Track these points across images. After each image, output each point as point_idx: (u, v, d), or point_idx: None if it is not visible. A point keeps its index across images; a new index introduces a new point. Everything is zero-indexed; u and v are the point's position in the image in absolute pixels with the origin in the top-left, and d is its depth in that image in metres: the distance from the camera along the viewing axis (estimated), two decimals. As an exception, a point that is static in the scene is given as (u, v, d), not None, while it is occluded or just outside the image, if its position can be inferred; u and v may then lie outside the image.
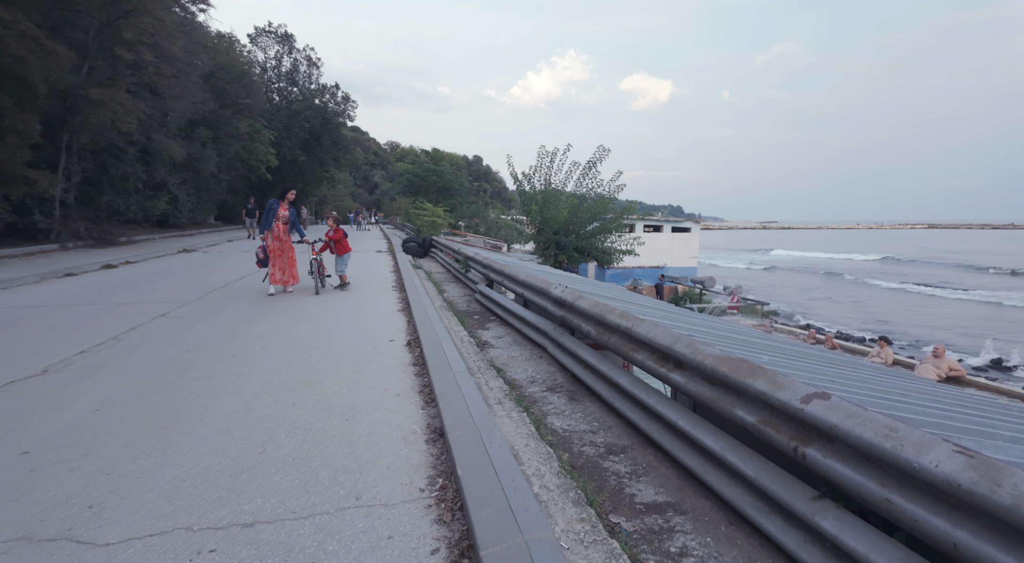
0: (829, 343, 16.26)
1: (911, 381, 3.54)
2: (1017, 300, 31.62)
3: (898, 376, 3.77)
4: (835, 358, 4.19)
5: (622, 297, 5.40)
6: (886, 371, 4.08)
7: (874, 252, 76.37)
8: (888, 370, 4.28)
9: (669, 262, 25.39)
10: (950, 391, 3.40)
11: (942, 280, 43.56)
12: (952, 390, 3.51)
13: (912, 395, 2.65)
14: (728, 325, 4.85)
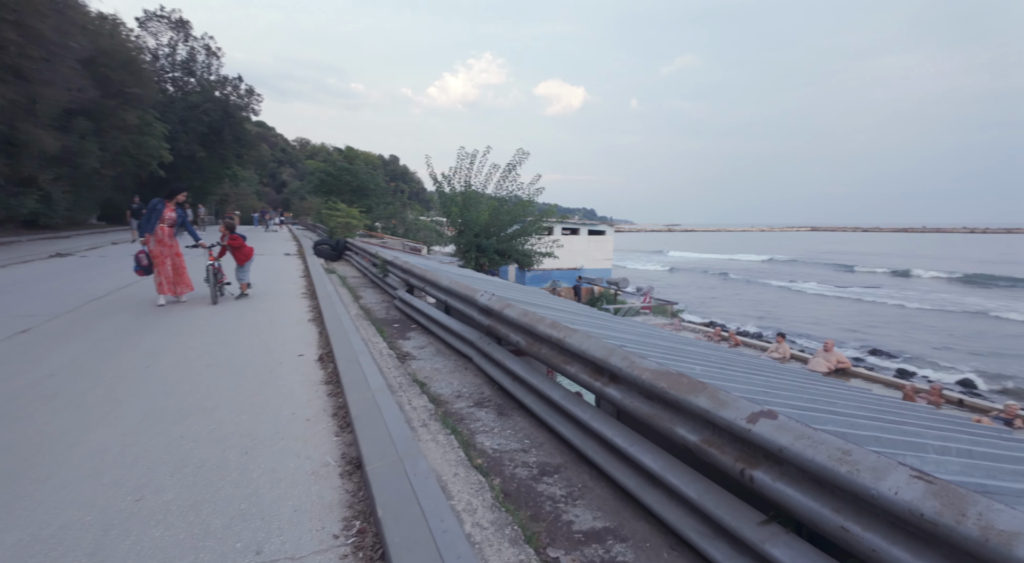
0: (732, 340, 17.31)
1: (832, 386, 3.67)
2: (877, 296, 35.55)
3: (818, 380, 3.90)
4: (758, 363, 4.29)
5: (550, 304, 5.28)
6: (807, 375, 4.23)
7: (762, 253, 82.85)
8: (808, 374, 4.45)
9: (586, 264, 26.00)
10: (865, 394, 3.55)
11: (822, 278, 48.09)
12: (866, 393, 3.67)
13: (839, 403, 2.69)
14: (654, 331, 4.86)
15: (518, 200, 18.24)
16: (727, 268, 59.60)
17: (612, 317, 5.70)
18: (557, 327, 3.35)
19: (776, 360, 15.12)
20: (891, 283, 44.56)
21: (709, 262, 69.16)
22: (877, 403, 3.15)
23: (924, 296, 35.80)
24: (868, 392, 3.85)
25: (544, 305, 4.92)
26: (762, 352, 16.20)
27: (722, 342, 17.64)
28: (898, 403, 3.53)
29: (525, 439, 3.35)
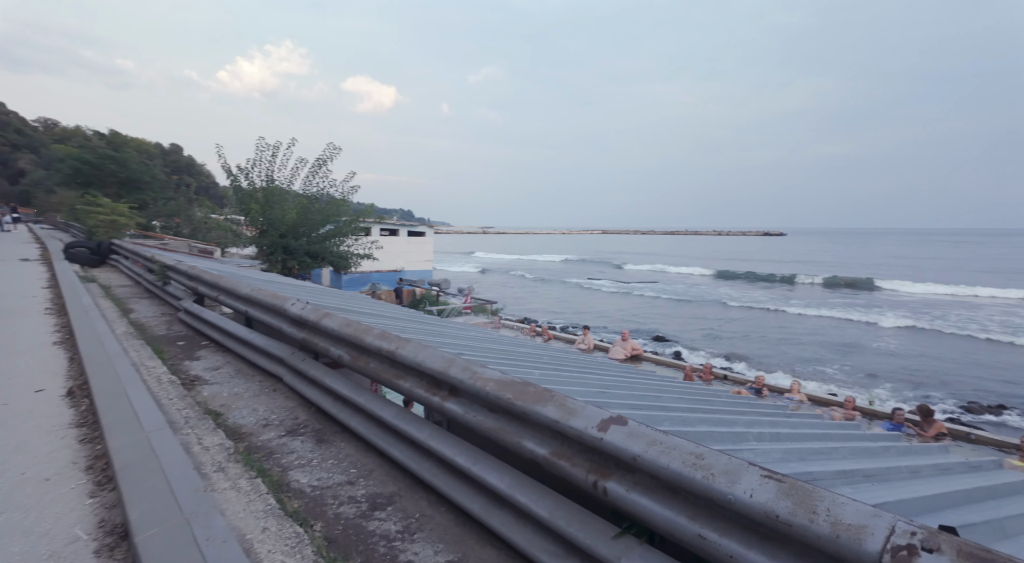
0: (546, 335, 18.44)
1: (648, 378, 3.91)
2: (643, 290, 41.60)
3: (634, 373, 4.14)
4: (583, 360, 4.43)
5: (375, 310, 4.84)
6: (627, 370, 4.47)
7: (560, 254, 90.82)
8: (627, 367, 4.73)
9: (406, 266, 25.48)
10: (673, 383, 3.86)
11: (610, 276, 54.49)
12: (672, 380, 4.00)
13: (664, 396, 2.82)
14: (486, 334, 4.76)
15: (331, 198, 17.01)
16: (531, 268, 63.90)
17: (443, 322, 5.48)
18: (387, 337, 3.00)
19: (583, 351, 16.48)
20: (665, 278, 52.27)
21: (516, 263, 73.39)
22: (686, 391, 3.43)
23: (688, 289, 42.65)
24: (673, 380, 4.21)
25: (368, 312, 4.48)
26: (570, 344, 17.53)
27: (536, 337, 18.67)
28: (701, 389, 3.92)
29: (351, 468, 2.94)
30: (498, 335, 5.28)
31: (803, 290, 43.57)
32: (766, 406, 3.72)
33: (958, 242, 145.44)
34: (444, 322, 5.55)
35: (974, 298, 36.76)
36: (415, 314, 5.64)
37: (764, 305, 33.73)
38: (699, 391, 3.68)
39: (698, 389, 3.84)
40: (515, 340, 5.14)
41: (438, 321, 5.47)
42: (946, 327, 25.82)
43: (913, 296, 38.37)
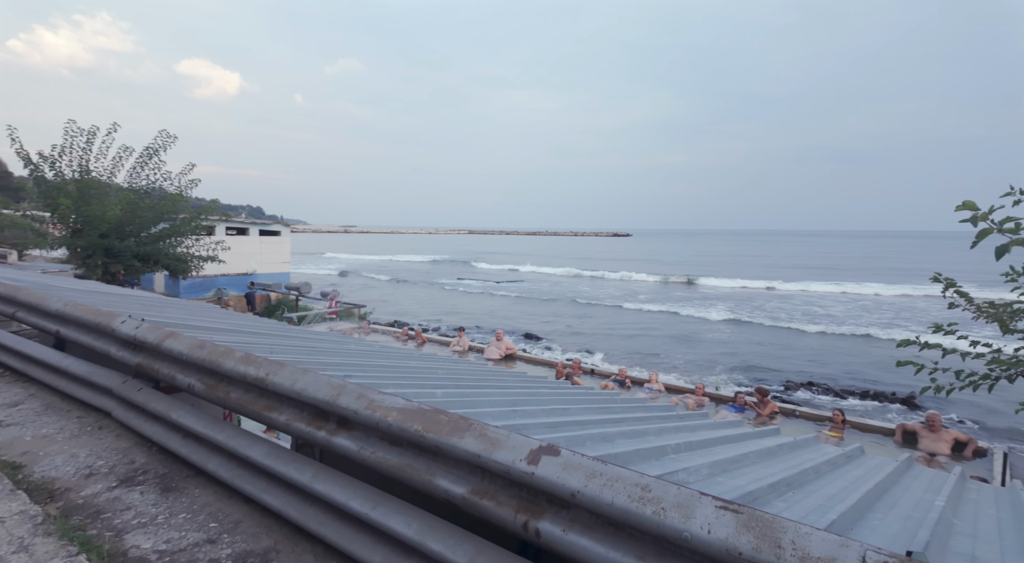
0: (420, 338, 17.98)
1: (549, 387, 3.82)
2: (510, 289, 42.97)
3: (540, 384, 4.04)
4: (478, 370, 4.22)
5: (232, 325, 4.16)
6: (529, 380, 4.34)
7: (427, 254, 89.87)
8: (526, 377, 4.60)
9: (259, 268, 23.18)
10: (573, 390, 3.81)
11: (476, 276, 55.26)
12: (565, 385, 3.96)
13: (572, 409, 2.72)
14: (371, 348, 4.34)
15: (164, 193, 14.86)
16: (398, 269, 62.45)
17: (316, 336, 4.92)
18: (254, 361, 2.52)
19: (458, 353, 16.32)
20: (532, 277, 54.19)
21: (382, 264, 71.19)
22: (586, 398, 3.39)
23: (552, 288, 44.66)
24: (566, 384, 4.19)
25: (224, 327, 3.83)
26: (445, 347, 17.28)
27: (408, 341, 18.13)
28: (598, 394, 3.93)
29: (211, 522, 2.43)
30: (380, 347, 4.88)
31: (645, 286, 47.84)
32: (663, 409, 3.84)
33: (771, 241, 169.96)
34: (318, 336, 5.00)
35: (780, 290, 43.16)
36: (280, 327, 4.99)
37: (616, 302, 36.42)
38: (596, 397, 3.68)
39: (594, 394, 3.85)
40: (403, 352, 4.78)
41: (309, 335, 4.91)
42: (762, 317, 29.96)
43: (734, 290, 44.08)
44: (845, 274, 55.14)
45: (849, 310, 33.26)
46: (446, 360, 4.81)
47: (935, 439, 8.97)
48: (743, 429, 4.24)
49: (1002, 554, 2.10)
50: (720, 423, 4.37)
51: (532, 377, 4.49)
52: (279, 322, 6.85)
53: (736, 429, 4.05)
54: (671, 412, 4.10)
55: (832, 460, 3.33)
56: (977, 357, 4.23)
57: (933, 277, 6.08)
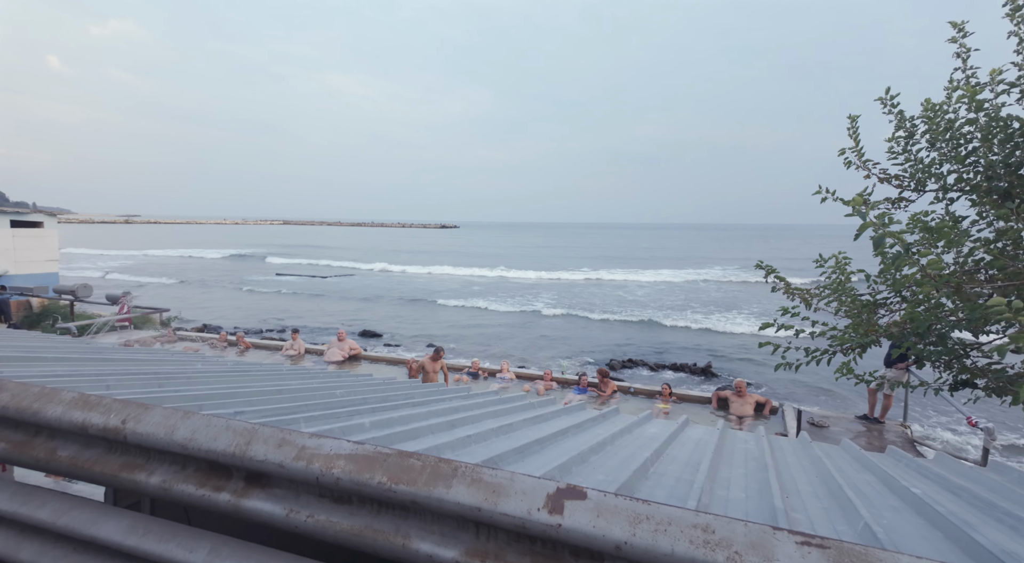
0: (242, 343, 15.92)
1: (450, 394, 3.47)
2: (338, 284, 41.00)
3: (447, 394, 3.65)
4: (373, 384, 3.70)
5: (22, 349, 3.03)
6: (430, 389, 3.91)
7: (236, 247, 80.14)
8: (413, 385, 4.14)
9: (12, 268, 18.15)
10: (477, 394, 3.53)
11: (299, 271, 51.40)
12: (463, 390, 3.67)
13: (505, 418, 2.45)
14: (225, 365, 3.54)
15: None
16: (196, 266, 55.07)
17: (148, 357, 3.89)
18: (97, 404, 1.79)
19: (292, 357, 14.82)
20: (361, 272, 51.88)
21: (179, 262, 62.06)
22: (491, 403, 3.15)
23: (381, 283, 43.36)
24: (466, 390, 3.90)
25: (9, 354, 2.77)
26: (276, 352, 15.58)
27: (228, 348, 15.97)
28: (492, 395, 3.69)
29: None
30: (236, 363, 4.04)
31: (477, 279, 49.12)
32: (544, 404, 3.76)
33: (581, 233, 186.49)
34: (148, 356, 3.97)
35: (595, 279, 47.67)
36: (90, 349, 3.81)
37: (444, 296, 36.68)
38: (492, 399, 3.46)
39: (490, 396, 3.62)
40: (273, 370, 4.01)
41: (138, 356, 3.86)
42: (581, 307, 32.73)
43: (556, 280, 47.53)
44: (643, 262, 62.92)
45: (648, 294, 37.98)
46: (325, 375, 4.17)
47: (742, 403, 10.59)
48: (589, 414, 4.57)
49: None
50: (573, 408, 4.68)
51: (433, 387, 4.10)
52: (67, 337, 5.40)
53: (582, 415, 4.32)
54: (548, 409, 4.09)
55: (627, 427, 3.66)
56: (820, 335, 4.94)
57: (757, 264, 7.03)
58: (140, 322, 16.92)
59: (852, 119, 5.39)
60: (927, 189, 4.91)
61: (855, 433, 9.50)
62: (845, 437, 8.70)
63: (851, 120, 5.41)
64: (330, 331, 22.76)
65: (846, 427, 9.71)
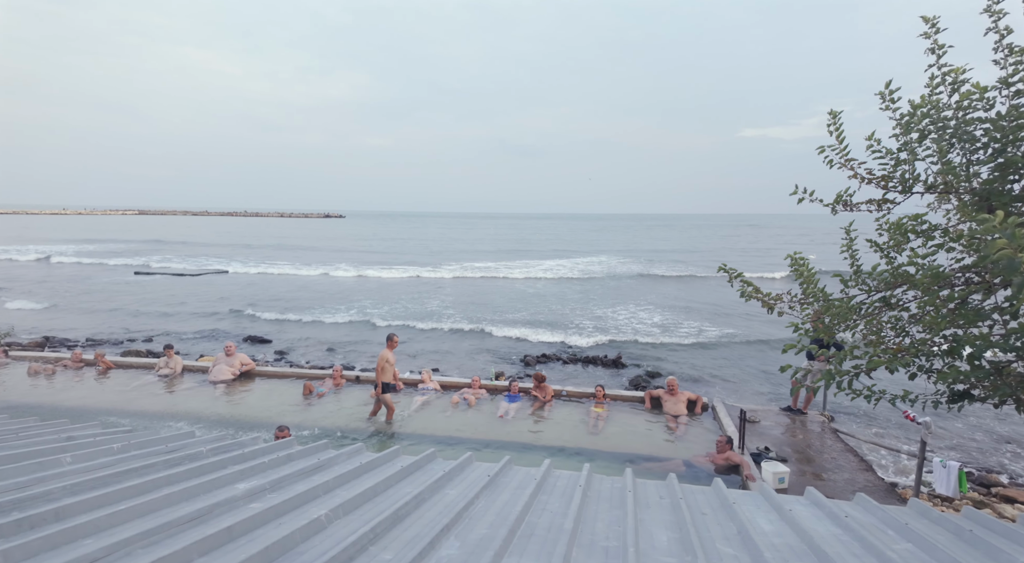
0: (101, 363, 13.26)
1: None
2: (212, 281, 37.05)
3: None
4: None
5: None
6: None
7: (65, 243, 68.52)
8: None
9: None
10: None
11: (161, 267, 45.52)
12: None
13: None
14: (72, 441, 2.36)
15: None
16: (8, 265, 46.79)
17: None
18: None
19: (167, 376, 12.62)
20: (234, 268, 46.96)
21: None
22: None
23: (261, 279, 39.61)
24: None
25: None
26: (147, 371, 13.15)
27: (84, 367, 13.24)
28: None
29: None
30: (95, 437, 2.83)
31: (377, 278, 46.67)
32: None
33: (470, 224, 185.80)
34: None
35: (497, 273, 47.36)
36: None
37: (332, 299, 34.35)
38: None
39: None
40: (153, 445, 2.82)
41: None
42: (487, 310, 32.20)
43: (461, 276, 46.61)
44: (541, 254, 63.96)
45: (546, 287, 38.40)
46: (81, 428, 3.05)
47: (675, 402, 10.62)
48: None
49: None
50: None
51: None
52: None
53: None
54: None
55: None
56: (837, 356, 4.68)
57: (720, 268, 6.76)
58: (-47, 343, 13.41)
59: (834, 115, 5.15)
60: (914, 191, 4.84)
61: (783, 426, 9.87)
62: (775, 431, 8.98)
63: (832, 116, 5.17)
64: (207, 341, 20.01)
65: (775, 420, 10.07)
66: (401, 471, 4.26)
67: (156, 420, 10.22)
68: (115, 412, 10.58)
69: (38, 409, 10.42)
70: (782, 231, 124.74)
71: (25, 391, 11.64)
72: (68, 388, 11.95)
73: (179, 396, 11.63)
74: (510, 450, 9.15)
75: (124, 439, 4.90)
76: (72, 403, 10.98)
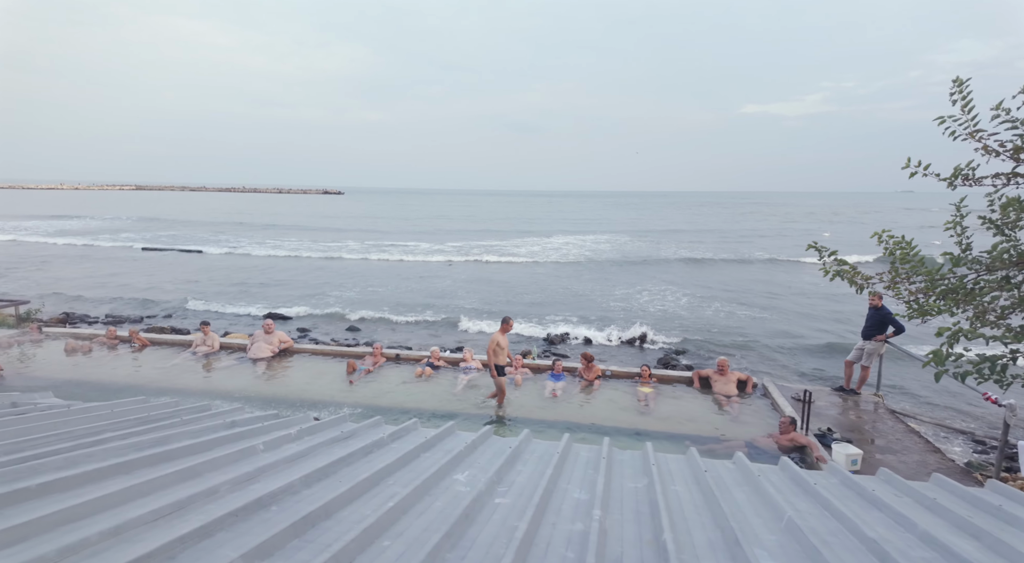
0: (137, 341, 13.14)
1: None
2: (208, 262, 36.78)
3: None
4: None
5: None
6: None
7: (67, 219, 68.40)
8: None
9: None
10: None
11: (170, 242, 45.19)
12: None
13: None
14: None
15: None
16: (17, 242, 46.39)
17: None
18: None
19: (203, 352, 12.51)
20: (243, 242, 46.61)
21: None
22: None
23: (274, 252, 39.34)
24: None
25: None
26: (183, 348, 13.03)
27: (118, 344, 13.12)
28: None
29: None
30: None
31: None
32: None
33: (473, 202, 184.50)
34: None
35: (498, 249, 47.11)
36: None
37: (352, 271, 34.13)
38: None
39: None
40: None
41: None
42: (496, 287, 32.04)
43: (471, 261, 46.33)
44: (540, 233, 63.58)
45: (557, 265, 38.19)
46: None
47: (725, 382, 10.55)
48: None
49: None
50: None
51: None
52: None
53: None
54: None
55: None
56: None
57: (809, 245, 6.58)
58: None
59: (959, 83, 4.87)
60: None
61: (838, 406, 9.83)
62: (831, 411, 8.89)
63: (958, 85, 4.89)
64: (224, 320, 19.87)
65: (827, 400, 10.03)
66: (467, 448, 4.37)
67: (207, 397, 10.12)
68: (170, 390, 10.42)
69: (88, 387, 10.32)
70: (790, 210, 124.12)
71: (67, 368, 11.51)
72: (111, 365, 11.82)
73: (222, 373, 11.53)
74: (563, 429, 9.14)
75: (297, 423, 5.06)
76: (125, 380, 10.92)
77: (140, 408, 5.46)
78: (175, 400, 6.14)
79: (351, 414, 9.34)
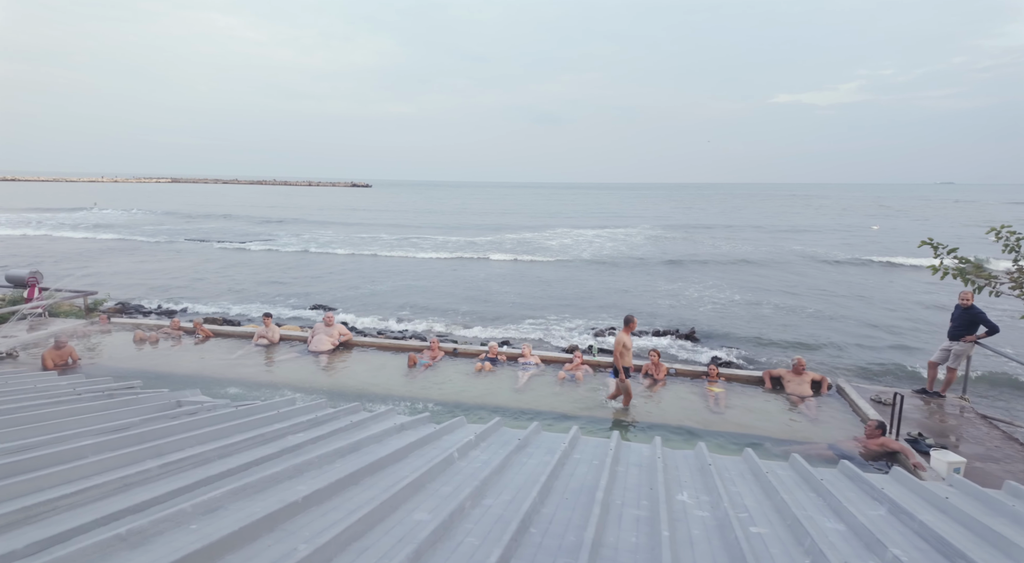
0: (201, 332, 13.39)
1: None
2: (252, 254, 37.39)
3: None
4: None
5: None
6: None
7: (121, 208, 70.76)
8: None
9: None
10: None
11: (201, 236, 46.16)
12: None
13: None
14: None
15: None
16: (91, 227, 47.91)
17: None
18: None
19: (264, 345, 12.66)
20: (278, 235, 47.41)
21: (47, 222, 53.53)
22: None
23: (308, 245, 39.86)
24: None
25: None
26: (247, 340, 13.24)
27: (182, 335, 13.38)
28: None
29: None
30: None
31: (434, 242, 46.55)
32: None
33: (503, 194, 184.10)
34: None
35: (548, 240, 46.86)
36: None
37: (444, 258, 34.35)
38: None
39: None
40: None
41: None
42: (541, 264, 31.85)
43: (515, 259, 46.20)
44: (568, 221, 63.04)
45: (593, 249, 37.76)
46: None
47: (800, 382, 10.21)
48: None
49: None
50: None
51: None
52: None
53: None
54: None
55: None
56: None
57: (922, 242, 6.23)
58: (56, 309, 13.67)
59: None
60: None
61: (920, 410, 9.42)
62: (914, 415, 8.43)
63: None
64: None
65: (909, 403, 9.61)
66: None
67: (272, 390, 10.24)
68: (240, 382, 10.61)
69: (164, 377, 10.50)
70: (826, 202, 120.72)
71: (139, 358, 11.81)
72: (177, 356, 12.05)
73: (285, 366, 11.65)
74: (627, 428, 9.03)
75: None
76: (195, 370, 11.15)
77: (306, 408, 5.87)
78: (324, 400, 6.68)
79: (428, 410, 9.31)
